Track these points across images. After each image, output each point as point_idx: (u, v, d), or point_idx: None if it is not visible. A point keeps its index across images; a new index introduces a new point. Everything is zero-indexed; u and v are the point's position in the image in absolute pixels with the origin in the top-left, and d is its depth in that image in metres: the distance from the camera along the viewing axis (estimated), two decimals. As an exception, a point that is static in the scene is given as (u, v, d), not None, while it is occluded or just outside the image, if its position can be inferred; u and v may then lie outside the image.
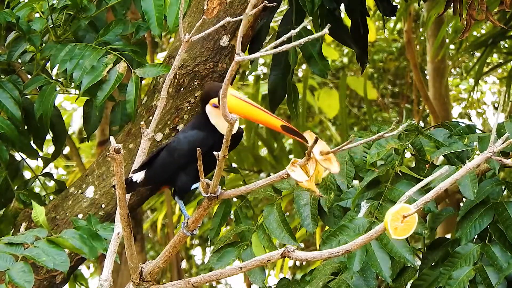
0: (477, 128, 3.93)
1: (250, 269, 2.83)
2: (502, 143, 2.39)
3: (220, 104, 2.52)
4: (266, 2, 2.76)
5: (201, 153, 2.63)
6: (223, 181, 4.40)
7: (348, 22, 4.70)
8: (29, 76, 4.29)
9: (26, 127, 4.23)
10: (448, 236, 6.00)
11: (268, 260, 2.76)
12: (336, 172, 2.59)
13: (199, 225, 2.83)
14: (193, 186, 2.88)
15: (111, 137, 2.67)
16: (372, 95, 9.71)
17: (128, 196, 3.10)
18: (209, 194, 2.69)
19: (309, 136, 2.56)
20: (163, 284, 2.87)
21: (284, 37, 2.48)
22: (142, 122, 3.06)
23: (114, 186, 2.83)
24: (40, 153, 4.44)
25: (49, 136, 4.39)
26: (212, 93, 2.91)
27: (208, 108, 2.92)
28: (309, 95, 9.31)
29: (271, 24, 4.61)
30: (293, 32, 2.49)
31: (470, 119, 10.87)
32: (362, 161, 3.84)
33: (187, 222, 2.82)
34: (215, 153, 2.56)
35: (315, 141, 2.50)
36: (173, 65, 3.01)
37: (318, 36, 2.50)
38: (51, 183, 6.53)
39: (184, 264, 10.70)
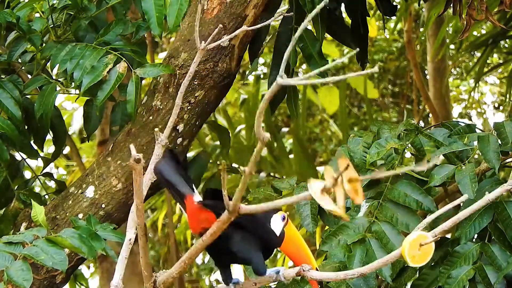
0: (477, 128, 3.93)
1: (264, 284, 2.82)
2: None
3: (255, 124, 2.45)
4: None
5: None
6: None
7: (348, 21, 4.70)
8: (29, 76, 4.29)
9: (26, 127, 4.23)
10: (448, 236, 6.00)
11: (284, 277, 2.76)
12: (359, 203, 2.57)
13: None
14: (268, 271, 2.78)
15: (131, 146, 2.62)
16: (373, 94, 9.71)
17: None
18: (229, 209, 2.60)
19: (341, 161, 2.49)
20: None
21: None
22: (156, 129, 3.05)
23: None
24: (41, 153, 4.44)
25: (49, 136, 4.39)
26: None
27: (277, 218, 2.87)
28: (312, 92, 9.32)
29: (271, 23, 4.61)
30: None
31: (470, 119, 10.87)
32: (362, 161, 3.84)
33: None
34: (241, 168, 2.51)
35: (346, 167, 2.43)
36: (188, 72, 3.01)
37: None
38: (52, 183, 6.53)
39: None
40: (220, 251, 2.78)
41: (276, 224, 2.86)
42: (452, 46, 8.98)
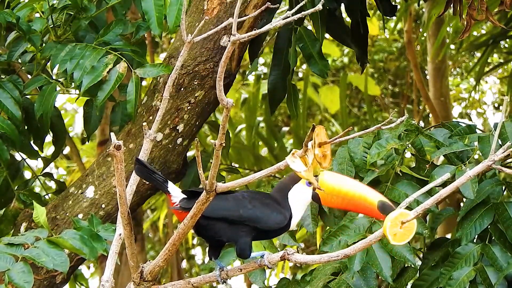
0: (477, 128, 3.93)
1: (250, 270, 2.83)
2: (504, 152, 2.36)
3: (217, 88, 2.49)
4: (269, 4, 2.75)
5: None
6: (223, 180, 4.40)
7: (348, 22, 4.70)
8: (29, 76, 4.29)
9: (26, 127, 4.23)
10: (449, 236, 6.00)
11: (268, 262, 2.76)
12: (326, 168, 2.57)
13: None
14: (252, 254, 2.82)
15: (112, 134, 2.66)
16: (375, 91, 9.70)
17: (129, 195, 3.08)
18: (207, 187, 2.60)
19: (317, 129, 2.54)
20: (164, 284, 2.86)
21: (281, 21, 2.46)
22: (144, 123, 3.05)
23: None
24: (41, 154, 4.44)
25: (49, 137, 4.38)
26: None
27: (300, 187, 2.87)
28: (313, 92, 9.30)
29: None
30: (289, 13, 2.47)
31: (470, 119, 10.87)
32: (362, 161, 3.84)
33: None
34: (211, 141, 2.53)
35: (312, 130, 2.48)
36: (175, 66, 3.00)
37: (311, 12, 2.46)
38: (52, 183, 6.53)
39: (184, 264, 10.70)
40: (207, 235, 2.88)
41: (302, 192, 2.86)
42: (452, 46, 8.97)
